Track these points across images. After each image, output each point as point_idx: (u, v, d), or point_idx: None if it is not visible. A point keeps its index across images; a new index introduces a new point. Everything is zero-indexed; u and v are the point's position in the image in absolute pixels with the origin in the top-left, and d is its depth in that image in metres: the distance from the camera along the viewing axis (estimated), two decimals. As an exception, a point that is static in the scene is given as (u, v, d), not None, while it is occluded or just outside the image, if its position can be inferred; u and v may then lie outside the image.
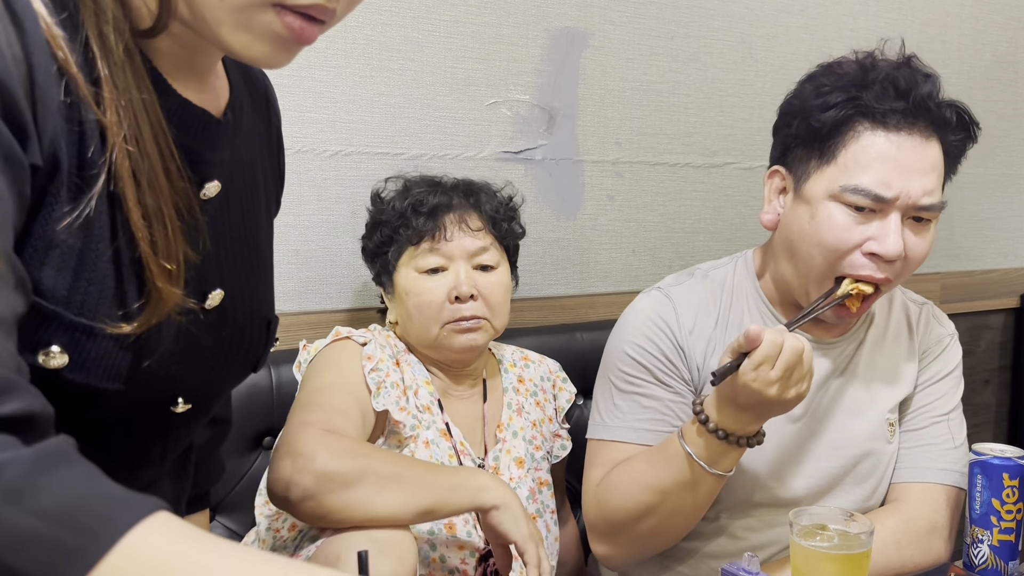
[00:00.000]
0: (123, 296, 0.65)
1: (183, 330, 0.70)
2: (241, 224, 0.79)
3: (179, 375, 0.72)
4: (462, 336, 1.29)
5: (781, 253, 1.26)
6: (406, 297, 1.30)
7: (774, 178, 1.28)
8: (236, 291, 0.78)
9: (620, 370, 1.29)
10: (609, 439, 1.28)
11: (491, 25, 1.66)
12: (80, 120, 0.61)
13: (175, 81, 0.68)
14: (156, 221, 0.64)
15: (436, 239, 1.29)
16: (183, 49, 0.68)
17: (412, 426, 1.26)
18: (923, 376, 1.33)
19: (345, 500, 1.04)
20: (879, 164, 1.15)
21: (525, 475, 1.34)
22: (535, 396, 1.44)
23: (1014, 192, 2.46)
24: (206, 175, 0.72)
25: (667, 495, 1.16)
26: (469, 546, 1.24)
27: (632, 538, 1.24)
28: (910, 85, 1.15)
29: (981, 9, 2.32)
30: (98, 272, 0.64)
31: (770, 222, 1.28)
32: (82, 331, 0.63)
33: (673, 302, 1.30)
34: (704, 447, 1.12)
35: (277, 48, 0.63)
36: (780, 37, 2.00)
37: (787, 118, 1.25)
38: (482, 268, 1.31)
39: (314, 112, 1.51)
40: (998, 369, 2.49)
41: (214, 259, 0.75)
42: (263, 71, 0.88)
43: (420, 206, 1.30)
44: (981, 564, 1.15)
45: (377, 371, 1.25)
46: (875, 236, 1.16)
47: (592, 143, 1.80)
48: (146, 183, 0.63)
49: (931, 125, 1.17)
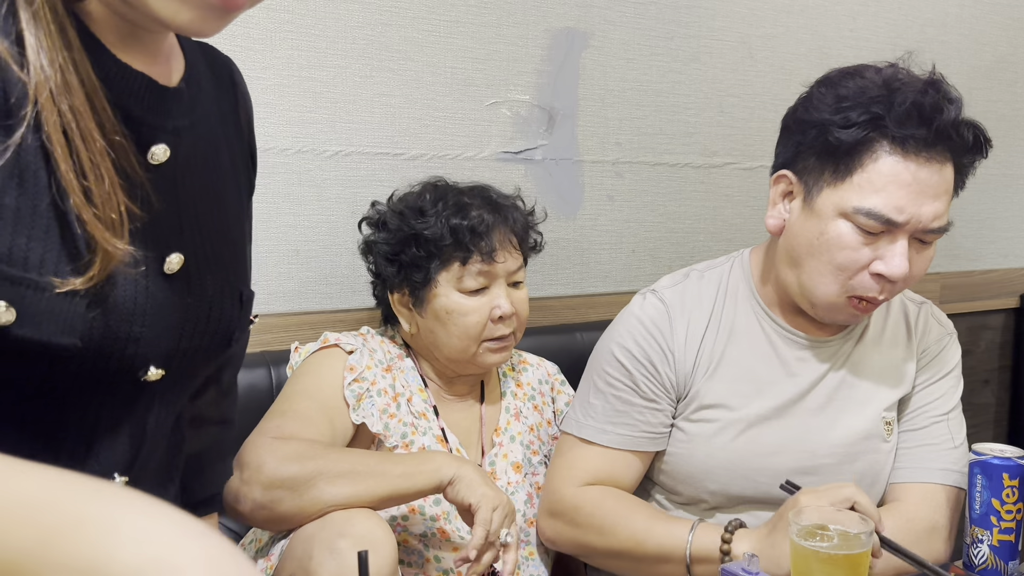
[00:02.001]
0: (69, 251, 0.66)
1: (143, 290, 0.71)
2: (203, 194, 0.80)
3: (143, 338, 0.72)
4: (496, 355, 1.31)
5: (784, 260, 1.25)
6: (447, 316, 1.28)
7: (780, 182, 1.25)
8: (200, 258, 0.79)
9: (603, 369, 1.31)
10: (577, 435, 1.31)
11: (491, 25, 1.66)
12: (2, 80, 0.61)
13: (117, 49, 0.69)
14: (92, 174, 0.65)
15: (486, 261, 1.27)
16: (118, 19, 0.69)
17: (403, 434, 1.26)
18: (922, 376, 1.33)
19: (297, 505, 1.04)
20: (894, 188, 1.14)
21: (523, 479, 1.34)
22: (533, 400, 1.44)
23: (1014, 192, 2.46)
24: (152, 138, 0.72)
25: (641, 559, 1.22)
26: (463, 547, 1.24)
27: (582, 548, 1.30)
28: (934, 112, 1.13)
29: (981, 9, 2.32)
30: (38, 227, 0.64)
31: (775, 227, 1.26)
32: (27, 285, 0.63)
33: (667, 306, 1.30)
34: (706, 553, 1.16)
35: (204, 15, 0.64)
36: (780, 37, 2.00)
37: (803, 125, 1.21)
38: (513, 284, 1.33)
39: (314, 112, 1.51)
40: (998, 369, 2.49)
41: (173, 224, 0.75)
42: (227, 57, 0.89)
43: (479, 226, 1.27)
44: (981, 564, 1.15)
45: (360, 381, 1.25)
46: (882, 257, 1.16)
47: (592, 143, 1.80)
48: (78, 138, 0.64)
49: (948, 150, 1.16)
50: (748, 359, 1.29)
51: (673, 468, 1.30)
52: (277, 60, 1.47)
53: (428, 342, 1.32)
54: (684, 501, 1.31)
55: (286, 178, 1.50)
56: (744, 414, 1.26)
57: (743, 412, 1.26)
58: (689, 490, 1.29)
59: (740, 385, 1.27)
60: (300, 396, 1.21)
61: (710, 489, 1.27)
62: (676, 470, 1.30)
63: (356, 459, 1.10)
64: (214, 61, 0.85)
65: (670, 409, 1.30)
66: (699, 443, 1.27)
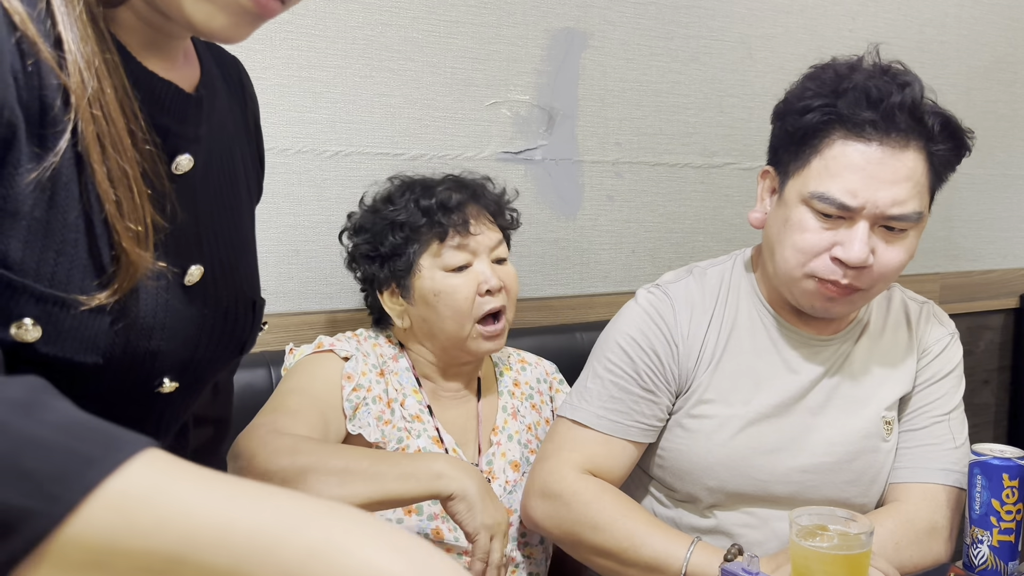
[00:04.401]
0: (95, 265, 0.65)
1: (163, 304, 0.70)
2: (220, 203, 0.79)
3: (162, 351, 0.72)
4: (489, 342, 1.31)
5: (765, 252, 1.28)
6: (435, 298, 1.28)
7: (766, 178, 1.29)
8: (218, 269, 0.78)
9: (606, 357, 1.30)
10: (571, 417, 1.30)
11: (491, 25, 1.67)
12: (40, 87, 0.60)
13: (140, 57, 0.68)
14: (121, 184, 0.64)
15: (464, 235, 1.28)
16: (146, 25, 0.68)
17: (399, 439, 1.26)
18: (923, 375, 1.33)
19: None
20: (848, 173, 1.15)
21: (521, 478, 1.35)
22: (531, 399, 1.44)
23: (1013, 192, 2.46)
24: (176, 148, 0.71)
25: (631, 563, 1.20)
26: (456, 549, 1.24)
27: (569, 537, 1.25)
28: (882, 95, 1.15)
29: (980, 9, 2.32)
30: (67, 242, 0.63)
31: (757, 221, 1.29)
32: (54, 303, 0.62)
33: (671, 299, 1.31)
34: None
35: (239, 21, 0.64)
36: (780, 37, 2.00)
37: (774, 119, 1.27)
38: (498, 261, 1.33)
39: (314, 112, 1.52)
40: (998, 369, 2.49)
41: (192, 235, 0.74)
42: (234, 57, 0.87)
43: (448, 201, 1.29)
44: (981, 564, 1.15)
45: (358, 389, 1.25)
46: (841, 242, 1.17)
47: (592, 143, 1.80)
48: (110, 145, 0.63)
49: (907, 135, 1.16)
50: (749, 356, 1.29)
51: (671, 464, 1.30)
52: (277, 60, 1.47)
53: (423, 332, 1.32)
54: (682, 498, 1.31)
55: (286, 178, 1.50)
56: (744, 411, 1.26)
57: (743, 409, 1.26)
58: (687, 487, 1.29)
59: (740, 381, 1.28)
60: (294, 393, 1.21)
61: (708, 486, 1.27)
62: (674, 466, 1.30)
63: (351, 457, 1.07)
64: (222, 61, 0.84)
65: (667, 403, 1.29)
66: (698, 439, 1.27)
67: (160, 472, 0.47)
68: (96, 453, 0.46)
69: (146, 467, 0.46)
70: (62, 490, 0.44)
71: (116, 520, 0.45)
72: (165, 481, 0.47)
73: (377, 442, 1.23)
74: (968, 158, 1.25)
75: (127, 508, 0.45)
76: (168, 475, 0.47)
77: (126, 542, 0.45)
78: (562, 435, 1.30)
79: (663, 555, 1.18)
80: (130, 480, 0.45)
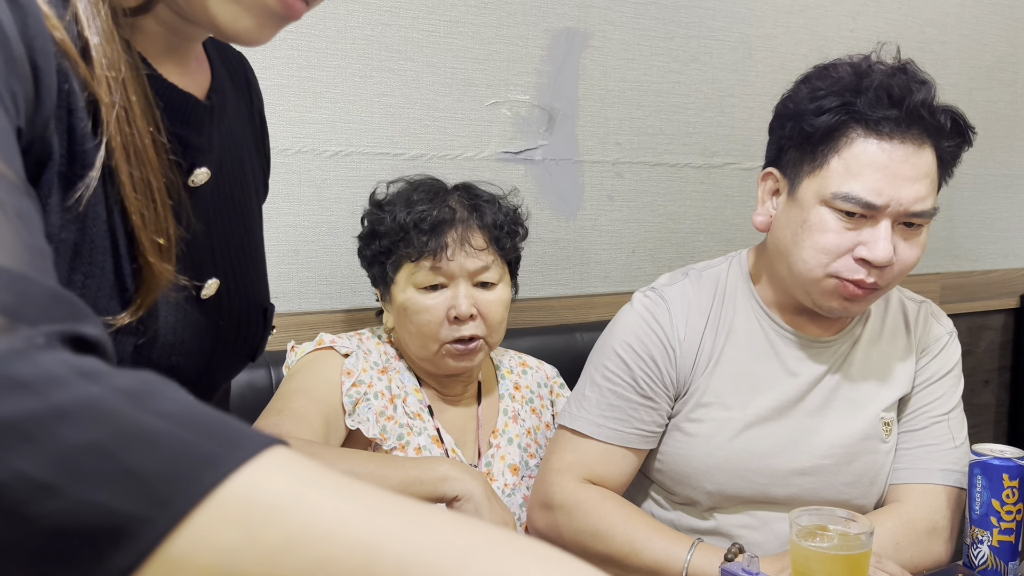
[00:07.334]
0: (119, 285, 0.64)
1: (183, 319, 0.70)
2: (233, 212, 0.79)
3: (180, 366, 0.72)
4: (456, 361, 1.28)
5: (775, 255, 1.27)
6: (404, 314, 1.27)
7: (768, 180, 1.28)
8: (232, 280, 0.78)
9: (602, 364, 1.30)
10: (570, 427, 1.30)
11: (491, 25, 1.66)
12: (70, 108, 0.60)
13: (157, 63, 0.67)
14: (145, 196, 0.63)
15: (437, 258, 1.24)
16: (167, 31, 0.67)
17: (400, 435, 1.26)
18: (922, 375, 1.33)
19: None
20: (870, 172, 1.15)
21: (520, 482, 1.34)
22: (531, 403, 1.44)
23: (1014, 192, 2.46)
24: (194, 161, 0.71)
25: (634, 569, 1.20)
26: None
27: (573, 547, 1.25)
28: (904, 93, 1.15)
29: (981, 10, 2.32)
30: (95, 264, 0.63)
31: (763, 224, 1.28)
32: None
33: (667, 303, 1.31)
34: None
35: (264, 23, 0.62)
36: (780, 37, 2.00)
37: (781, 120, 1.25)
38: (482, 285, 1.28)
39: (314, 112, 1.51)
40: (998, 369, 2.49)
41: (207, 248, 0.74)
42: (240, 53, 0.85)
43: (422, 223, 1.24)
44: (981, 565, 1.15)
45: (358, 385, 1.24)
46: (865, 242, 1.16)
47: (592, 143, 1.80)
48: (135, 157, 0.62)
49: (924, 132, 1.17)
50: (747, 358, 1.29)
51: (670, 468, 1.30)
52: (277, 60, 1.47)
53: (401, 341, 1.32)
54: (681, 501, 1.31)
55: (286, 178, 1.50)
56: (742, 414, 1.26)
57: (741, 412, 1.26)
58: (686, 490, 1.29)
59: (739, 384, 1.27)
60: (297, 394, 1.21)
61: (707, 489, 1.27)
62: (673, 469, 1.30)
63: (356, 462, 1.08)
64: (227, 59, 0.83)
65: (666, 408, 1.29)
66: (697, 443, 1.27)
67: (294, 476, 0.38)
68: (216, 449, 0.37)
69: (277, 468, 0.38)
70: (172, 493, 0.36)
71: (236, 535, 0.36)
72: (300, 488, 0.38)
73: (375, 438, 1.23)
74: (969, 158, 1.26)
75: (251, 520, 0.36)
76: (303, 480, 0.38)
77: (247, 564, 0.36)
78: (562, 445, 1.31)
79: (664, 558, 1.18)
80: (256, 484, 0.37)
